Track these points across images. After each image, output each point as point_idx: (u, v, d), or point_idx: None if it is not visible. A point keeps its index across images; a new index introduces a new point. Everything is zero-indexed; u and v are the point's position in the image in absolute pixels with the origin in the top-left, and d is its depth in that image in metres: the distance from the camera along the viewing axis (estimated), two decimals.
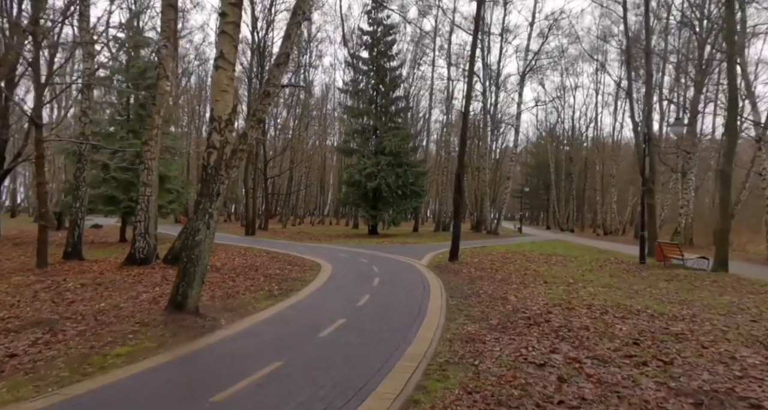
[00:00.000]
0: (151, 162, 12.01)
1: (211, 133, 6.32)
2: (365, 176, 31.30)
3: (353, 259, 14.98)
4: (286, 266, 12.76)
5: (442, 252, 17.60)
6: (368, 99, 34.90)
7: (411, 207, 33.08)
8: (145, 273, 10.31)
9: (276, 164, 52.11)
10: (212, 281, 9.69)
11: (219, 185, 6.39)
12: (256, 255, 15.99)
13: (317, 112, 56.18)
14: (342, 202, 35.26)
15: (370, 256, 16.26)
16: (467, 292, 9.09)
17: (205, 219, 6.25)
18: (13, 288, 8.18)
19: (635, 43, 24.17)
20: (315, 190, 63.09)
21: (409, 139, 34.51)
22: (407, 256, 16.22)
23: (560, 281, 10.88)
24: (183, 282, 6.12)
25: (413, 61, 43.22)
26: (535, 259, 16.51)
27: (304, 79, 48.56)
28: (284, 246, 20.80)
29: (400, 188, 31.75)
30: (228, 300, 7.73)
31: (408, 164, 33.31)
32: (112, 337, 5.12)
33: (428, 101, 44.46)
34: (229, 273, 10.89)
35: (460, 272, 12.12)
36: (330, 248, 20.06)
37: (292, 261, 14.18)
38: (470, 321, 6.58)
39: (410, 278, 10.89)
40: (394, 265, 13.47)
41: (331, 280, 10.34)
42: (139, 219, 12.04)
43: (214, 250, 17.89)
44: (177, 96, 46.46)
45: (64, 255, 13.49)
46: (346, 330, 5.89)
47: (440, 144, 50.04)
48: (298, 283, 9.90)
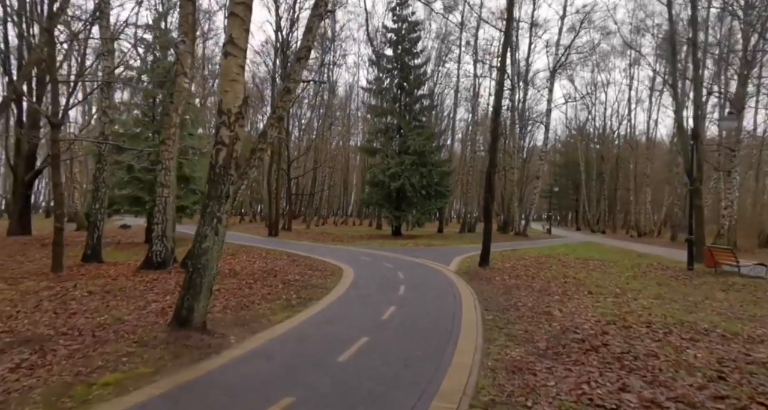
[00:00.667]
0: (168, 162, 11.54)
1: (219, 128, 5.64)
2: (389, 176, 30.55)
3: (377, 263, 14.22)
4: (307, 271, 12.09)
5: (471, 256, 16.66)
6: (392, 97, 34.13)
7: (436, 208, 32.16)
8: (160, 278, 9.80)
9: (300, 164, 51.92)
10: (229, 288, 9.09)
11: (228, 186, 5.71)
12: (276, 258, 15.42)
13: (341, 113, 55.82)
14: (365, 203, 34.61)
15: (394, 260, 15.47)
16: (504, 304, 8.19)
17: (213, 225, 5.58)
18: (20, 295, 7.74)
19: (677, 34, 22.64)
20: (338, 191, 62.75)
21: (433, 138, 33.60)
22: (433, 260, 15.36)
23: (606, 291, 9.85)
24: (188, 295, 5.47)
25: (438, 58, 42.24)
26: (572, 264, 15.40)
27: (328, 78, 48.17)
28: (306, 248, 20.22)
29: (424, 188, 30.87)
30: (241, 312, 7.07)
31: (432, 164, 32.39)
32: (103, 360, 4.49)
33: (453, 99, 43.43)
34: (246, 279, 10.29)
35: (493, 279, 11.20)
36: (352, 250, 19.36)
37: (313, 265, 13.52)
38: (513, 342, 5.71)
39: (438, 286, 10.05)
40: (420, 271, 12.65)
41: (354, 288, 9.60)
42: (157, 222, 11.59)
43: (235, 253, 17.43)
44: (204, 97, 46.80)
45: (83, 257, 13.20)
46: (369, 352, 5.12)
47: (465, 143, 48.89)
48: (318, 291, 9.20)
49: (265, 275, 11.08)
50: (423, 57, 34.80)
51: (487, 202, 13.15)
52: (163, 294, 8.17)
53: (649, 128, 48.00)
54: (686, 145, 16.79)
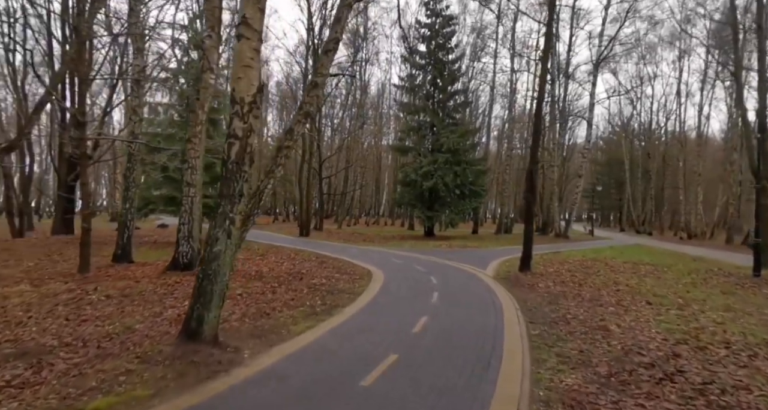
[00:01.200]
0: (195, 160, 11.23)
1: (232, 119, 5.08)
2: (421, 175, 29.72)
3: (408, 266, 13.50)
4: (334, 274, 11.52)
5: (509, 260, 15.68)
6: (425, 94, 33.29)
7: (470, 208, 31.08)
8: (183, 281, 9.44)
9: (332, 164, 51.85)
10: (252, 292, 8.61)
11: (242, 183, 5.14)
12: (305, 259, 14.97)
13: (373, 112, 55.40)
14: (397, 202, 33.93)
15: (426, 263, 14.71)
16: (551, 316, 7.31)
17: (225, 227, 5.03)
18: (39, 298, 7.51)
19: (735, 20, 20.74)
20: (370, 190, 62.37)
21: (468, 136, 32.49)
22: (469, 263, 14.49)
23: (666, 301, 8.76)
24: (198, 304, 4.94)
25: (473, 53, 41.04)
26: (621, 269, 14.18)
27: (360, 77, 47.80)
28: (336, 249, 19.74)
29: (458, 187, 29.86)
30: (260, 320, 6.52)
31: (467, 162, 31.32)
32: (98, 380, 4.00)
33: (489, 95, 42.11)
34: (271, 283, 9.80)
35: (536, 286, 10.27)
36: (383, 252, 18.72)
37: (341, 267, 12.96)
38: (566, 365, 4.87)
39: (476, 293, 9.23)
40: (455, 275, 11.83)
41: (383, 294, 8.93)
42: (183, 222, 11.31)
43: (265, 253, 17.13)
44: None
45: (114, 257, 13.13)
46: (398, 374, 4.42)
47: (502, 140, 47.40)
48: (345, 297, 8.58)
49: (290, 278, 10.58)
50: (457, 52, 33.81)
51: (528, 201, 12.20)
52: (183, 299, 7.75)
53: (700, 123, 44.98)
54: (750, 139, 15.21)
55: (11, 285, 8.87)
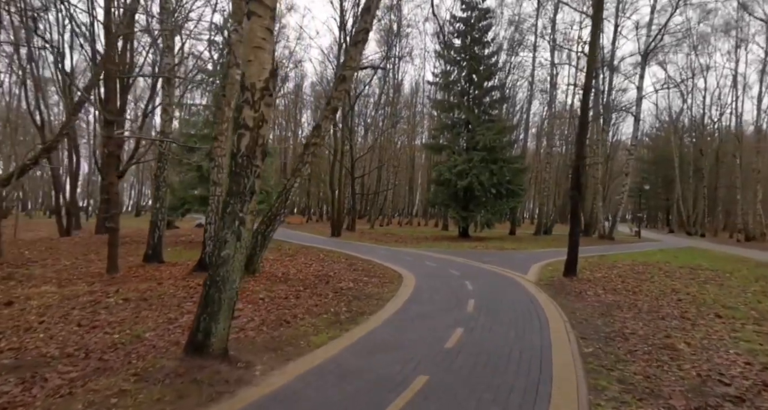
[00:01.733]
0: (221, 159, 10.93)
1: (242, 107, 4.53)
2: (455, 174, 28.79)
3: (441, 270, 12.75)
4: (363, 277, 10.93)
5: (552, 264, 14.65)
6: (460, 91, 32.32)
7: (507, 208, 29.86)
8: None
9: (365, 163, 51.54)
10: (275, 296, 8.14)
11: (253, 179, 4.58)
12: (334, 261, 14.48)
13: (406, 111, 54.74)
14: (430, 202, 33.08)
15: (461, 266, 13.91)
16: (605, 331, 6.43)
17: (235, 227, 4.49)
18: (58, 300, 7.31)
19: None
20: (403, 190, 61.70)
21: (505, 133, 31.27)
22: (507, 267, 13.57)
23: (738, 314, 7.65)
24: (205, 315, 4.43)
25: (510, 48, 39.63)
26: (677, 275, 12.90)
27: (394, 77, 47.22)
28: (367, 250, 19.20)
29: (494, 186, 28.74)
30: (278, 330, 6.00)
31: (504, 160, 30.12)
32: (86, 402, 3.53)
33: (527, 91, 40.56)
34: (296, 286, 9.32)
35: (584, 294, 9.32)
36: (416, 254, 18.01)
37: (371, 270, 12.36)
38: (632, 396, 4.05)
39: (517, 302, 8.40)
40: (493, 281, 10.99)
41: (413, 301, 8.26)
42: (209, 222, 11.04)
43: (295, 254, 16.80)
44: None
45: (145, 257, 13.08)
46: (428, 404, 3.75)
47: (541, 137, 45.64)
48: (372, 303, 7.97)
49: (317, 281, 10.07)
50: (494, 46, 32.61)
51: (574, 200, 11.19)
52: None
53: (759, 117, 41.67)
54: None
55: (39, 286, 8.79)
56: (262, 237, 10.79)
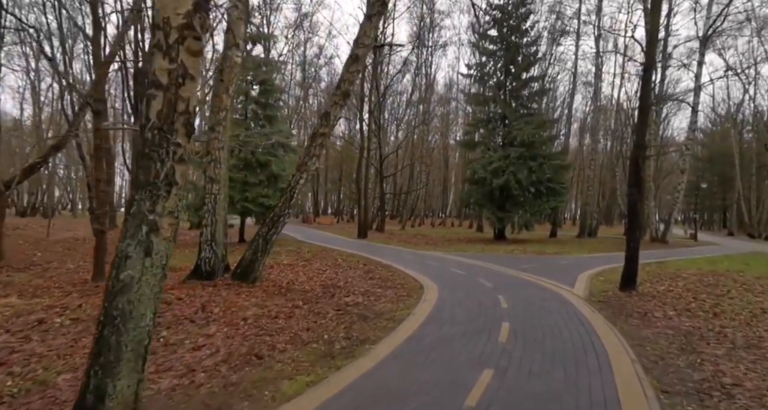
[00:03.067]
0: (218, 152, 9.65)
1: (153, 54, 3.06)
2: (490, 172, 26.79)
3: (471, 280, 10.99)
4: (377, 288, 9.36)
5: (602, 273, 12.60)
6: (495, 83, 30.25)
7: (548, 208, 27.52)
8: (187, 297, 7.77)
9: (396, 162, 49.95)
10: (263, 315, 6.70)
11: (171, 165, 3.07)
12: (351, 266, 13.00)
13: (441, 109, 52.87)
14: (464, 202, 31.14)
15: (495, 275, 12.10)
16: (694, 379, 4.58)
17: (141, 236, 3.01)
18: (6, 318, 6.14)
19: None
20: (437, 190, 59.76)
21: (545, 127, 28.97)
22: (549, 277, 11.65)
23: None
24: (97, 366, 2.99)
25: (550, 38, 37.04)
26: (758, 288, 10.61)
27: (426, 72, 45.44)
28: (391, 253, 17.62)
29: (533, 185, 26.53)
30: (242, 371, 4.51)
31: (544, 156, 27.84)
32: None
33: (569, 83, 37.86)
34: (295, 300, 7.87)
35: (651, 316, 7.38)
36: (444, 259, 16.28)
37: (388, 279, 10.78)
38: None
39: (564, 327, 6.60)
40: (532, 295, 9.15)
41: (432, 322, 6.61)
42: (205, 224, 9.77)
43: (312, 258, 15.44)
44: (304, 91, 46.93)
45: None
46: None
47: (584, 133, 42.70)
48: (379, 325, 6.39)
49: (321, 294, 8.58)
50: (533, 34, 30.29)
51: (633, 198, 9.18)
52: (175, 324, 6.02)
53: None
54: None
55: (4, 297, 7.73)
56: (264, 241, 9.43)
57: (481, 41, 30.62)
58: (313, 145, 9.58)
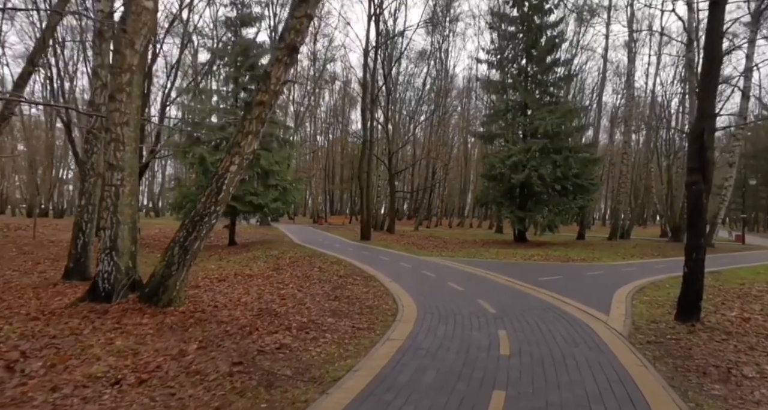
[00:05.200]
0: (120, 129, 7.18)
1: None
2: (509, 166, 23.89)
3: (469, 301, 8.27)
4: (329, 318, 6.75)
5: (646, 289, 9.71)
6: (516, 69, 27.31)
7: (575, 208, 24.39)
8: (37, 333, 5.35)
9: (414, 159, 47.24)
10: (114, 374, 4.22)
11: None
12: (323, 279, 10.46)
13: (459, 101, 49.99)
14: (479, 201, 28.23)
15: (503, 292, 9.36)
16: None
17: None
18: None
19: None
20: (456, 189, 56.79)
21: (571, 116, 25.81)
22: (576, 296, 8.81)
23: None
24: None
25: (578, 18, 33.70)
26: None
27: (442, 62, 42.58)
28: (387, 260, 15.03)
29: (558, 181, 23.50)
30: None
31: (570, 149, 24.78)
32: None
33: (599, 72, 34.42)
34: (195, 340, 5.38)
35: (738, 376, 4.55)
36: (447, 267, 13.58)
37: (359, 299, 8.18)
38: None
39: (598, 400, 3.87)
40: (549, 332, 6.33)
41: (374, 396, 3.99)
42: (104, 227, 7.39)
43: (290, 264, 13.04)
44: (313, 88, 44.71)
45: (65, 272, 9.78)
46: None
47: (615, 126, 39.08)
48: (282, 403, 3.83)
49: (245, 325, 6.05)
50: (557, 13, 27.20)
51: (694, 190, 6.26)
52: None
53: None
54: None
55: None
56: (182, 250, 6.99)
57: (500, 22, 27.72)
58: (248, 118, 7.10)
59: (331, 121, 57.83)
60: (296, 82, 19.45)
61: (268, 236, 26.86)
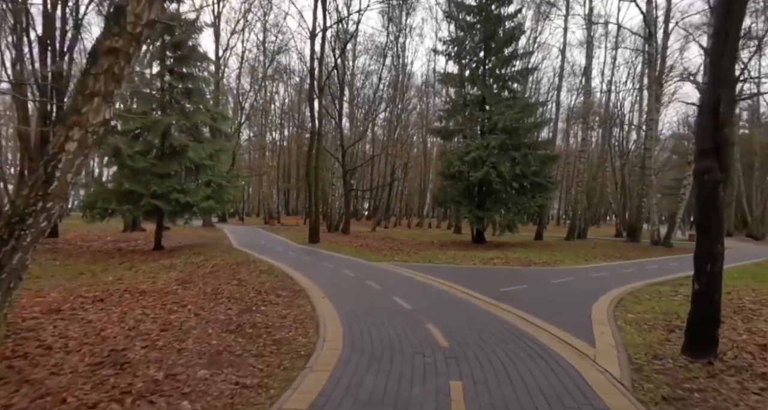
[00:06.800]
0: None
1: None
2: (468, 163, 22.41)
3: (414, 328, 6.35)
4: (199, 368, 4.68)
5: (626, 302, 8.15)
6: (475, 61, 25.94)
7: (535, 206, 23.23)
8: None
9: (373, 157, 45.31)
10: None
11: None
12: (234, 297, 8.28)
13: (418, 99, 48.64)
14: (438, 200, 26.67)
15: (459, 313, 7.53)
16: None
17: None
18: None
19: None
20: (416, 188, 55.45)
21: (529, 111, 24.69)
22: (547, 315, 7.11)
23: None
24: None
25: (536, 13, 32.90)
26: None
27: (401, 59, 40.94)
28: (332, 267, 13.00)
29: (517, 179, 22.24)
30: None
31: (529, 145, 23.65)
32: None
33: (558, 64, 33.76)
34: None
35: None
36: (398, 275, 11.71)
37: (268, 328, 6.09)
38: None
39: None
40: (520, 379, 4.52)
41: None
42: None
43: (205, 275, 10.77)
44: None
45: None
46: None
47: (572, 124, 38.73)
48: None
49: (51, 392, 3.90)
50: (517, 3, 26.03)
51: (709, 177, 4.62)
52: None
53: None
54: None
55: None
56: None
57: (458, 11, 26.27)
58: (93, 73, 4.87)
59: (287, 116, 55.13)
60: (171, 23, 16.65)
61: (207, 239, 24.19)
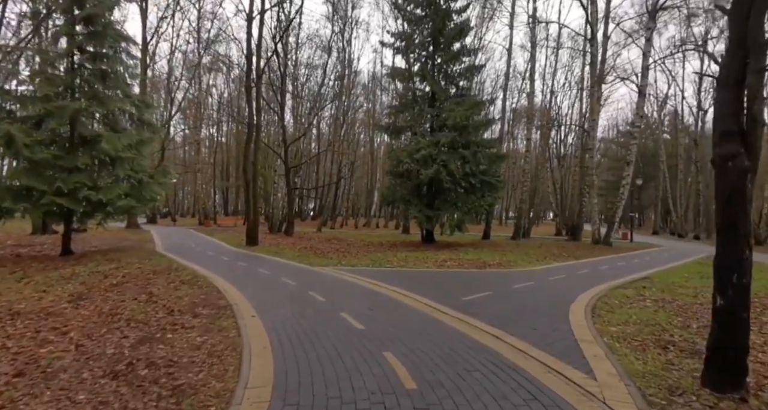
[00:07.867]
0: None
1: None
2: (418, 161, 21.46)
3: (371, 360, 5.10)
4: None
5: (599, 313, 7.29)
6: (424, 56, 25.12)
7: (485, 206, 22.75)
8: None
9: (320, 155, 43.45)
10: None
11: None
12: (136, 319, 6.57)
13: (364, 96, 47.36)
14: (386, 199, 25.56)
15: (422, 332, 6.35)
16: None
17: None
18: None
19: None
20: (363, 187, 54.15)
21: (478, 109, 24.17)
22: (524, 332, 6.09)
23: None
24: None
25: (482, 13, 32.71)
26: None
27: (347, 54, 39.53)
28: (268, 274, 11.39)
29: (467, 177, 21.61)
30: None
31: (478, 143, 23.11)
32: None
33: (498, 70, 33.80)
34: None
35: None
36: (344, 284, 10.35)
37: (175, 364, 4.57)
38: None
39: None
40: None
41: None
42: None
43: (111, 287, 8.85)
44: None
45: None
46: None
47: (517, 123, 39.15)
48: None
49: None
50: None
51: (734, 165, 3.68)
52: None
53: None
54: None
55: None
56: None
57: (406, 3, 25.30)
58: None
59: (225, 111, 51.84)
60: None
61: (128, 242, 21.50)
